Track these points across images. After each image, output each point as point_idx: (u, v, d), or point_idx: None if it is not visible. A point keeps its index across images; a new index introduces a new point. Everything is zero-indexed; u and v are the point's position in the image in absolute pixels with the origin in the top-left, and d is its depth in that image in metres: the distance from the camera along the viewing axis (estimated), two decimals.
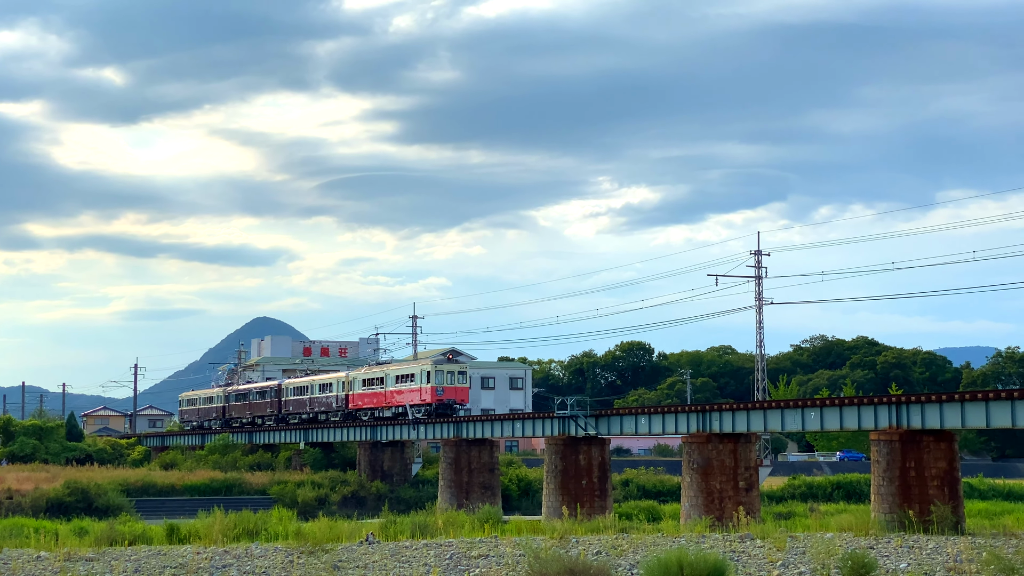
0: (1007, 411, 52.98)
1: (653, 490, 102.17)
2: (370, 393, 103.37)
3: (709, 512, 64.93)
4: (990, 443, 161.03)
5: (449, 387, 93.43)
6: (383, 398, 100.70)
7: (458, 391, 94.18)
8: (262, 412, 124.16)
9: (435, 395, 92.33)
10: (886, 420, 58.12)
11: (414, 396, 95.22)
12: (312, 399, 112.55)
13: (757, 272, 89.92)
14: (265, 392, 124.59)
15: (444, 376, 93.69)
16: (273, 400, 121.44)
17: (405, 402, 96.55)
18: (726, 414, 67.29)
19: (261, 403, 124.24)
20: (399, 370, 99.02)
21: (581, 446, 78.73)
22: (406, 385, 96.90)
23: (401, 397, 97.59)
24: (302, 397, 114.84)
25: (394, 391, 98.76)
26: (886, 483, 56.99)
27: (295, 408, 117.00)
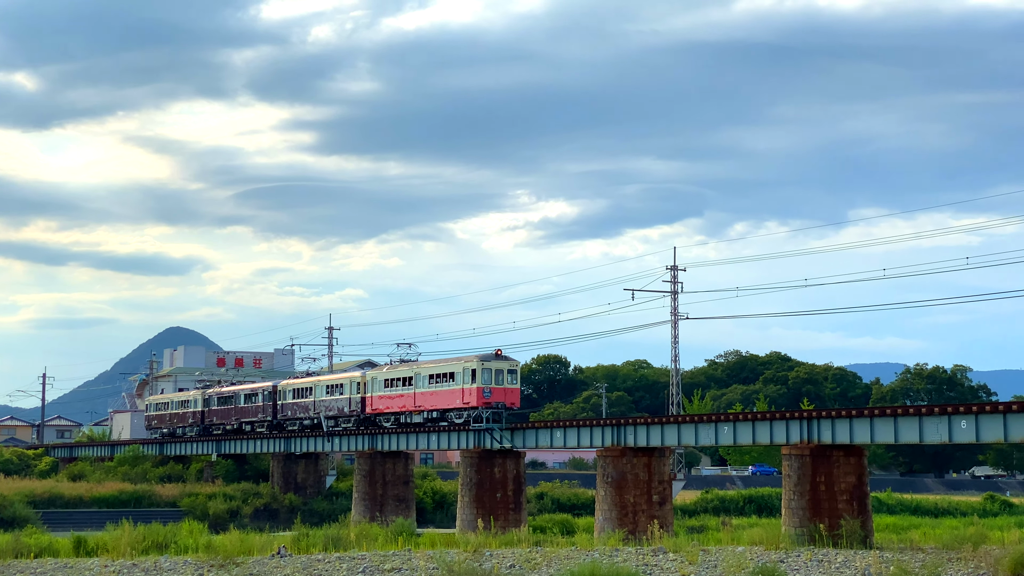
0: (915, 427, 53.83)
1: (568, 503, 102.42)
2: (395, 395, 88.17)
3: (623, 525, 65.16)
4: (898, 458, 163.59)
5: (498, 388, 78.95)
6: (411, 401, 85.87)
7: (508, 393, 79.46)
8: (252, 417, 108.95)
9: (482, 397, 78.27)
10: (797, 435, 58.76)
11: (453, 399, 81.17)
12: (317, 402, 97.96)
13: (673, 287, 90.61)
14: (257, 395, 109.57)
15: (492, 375, 79.15)
16: (266, 404, 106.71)
17: (441, 405, 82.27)
18: (641, 428, 67.65)
19: (251, 407, 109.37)
20: (434, 368, 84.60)
21: (496, 459, 78.67)
22: (443, 386, 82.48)
23: (435, 400, 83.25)
24: (305, 400, 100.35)
25: (427, 393, 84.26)
26: (797, 497, 57.59)
27: (295, 412, 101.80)
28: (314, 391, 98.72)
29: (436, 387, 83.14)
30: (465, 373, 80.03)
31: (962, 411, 51.81)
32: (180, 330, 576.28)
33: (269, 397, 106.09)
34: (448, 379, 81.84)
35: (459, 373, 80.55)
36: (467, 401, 79.00)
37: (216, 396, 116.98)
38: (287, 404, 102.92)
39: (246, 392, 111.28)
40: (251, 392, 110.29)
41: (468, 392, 79.24)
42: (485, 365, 78.85)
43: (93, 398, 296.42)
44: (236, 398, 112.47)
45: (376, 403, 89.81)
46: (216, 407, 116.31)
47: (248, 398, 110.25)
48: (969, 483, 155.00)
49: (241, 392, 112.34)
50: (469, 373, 79.58)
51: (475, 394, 78.28)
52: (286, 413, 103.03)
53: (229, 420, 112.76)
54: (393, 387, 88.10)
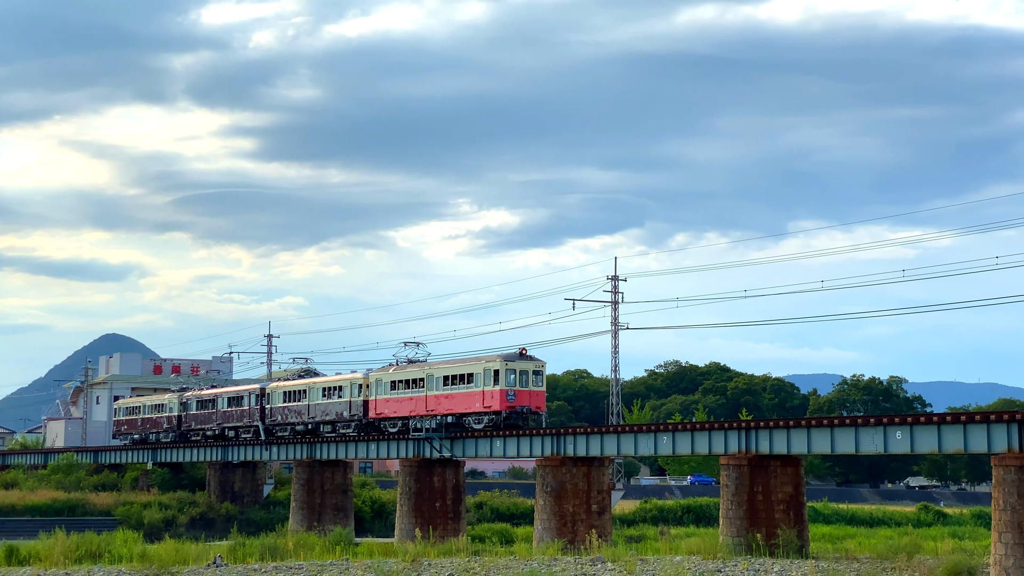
0: (851, 437, 54.32)
1: (507, 513, 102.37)
2: (403, 399, 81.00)
3: (562, 535, 65.22)
4: (834, 468, 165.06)
5: (523, 391, 73.20)
6: (423, 404, 78.83)
7: (533, 396, 73.93)
8: (236, 422, 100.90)
9: (505, 401, 72.55)
10: (736, 445, 59.10)
11: (473, 402, 74.80)
12: (313, 406, 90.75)
13: (614, 297, 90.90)
14: (241, 398, 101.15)
15: (516, 377, 73.26)
16: (253, 408, 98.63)
17: (459, 409, 75.89)
18: (580, 438, 67.76)
19: (236, 411, 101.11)
20: (449, 369, 77.81)
21: (436, 468, 78.48)
22: (461, 388, 76.02)
23: (451, 403, 76.62)
24: (298, 404, 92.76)
25: (441, 396, 77.43)
26: (734, 507, 57.91)
27: (287, 417, 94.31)
28: (308, 394, 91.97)
29: (452, 389, 76.68)
30: (486, 374, 73.93)
31: (897, 422, 52.36)
32: (116, 337, 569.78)
33: (256, 401, 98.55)
34: (466, 381, 75.76)
35: (479, 374, 74.54)
36: (488, 404, 73.38)
37: (195, 400, 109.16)
38: (277, 408, 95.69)
39: (229, 395, 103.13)
40: (235, 395, 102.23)
41: (490, 395, 73.55)
42: (509, 365, 73.13)
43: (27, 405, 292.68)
44: (217, 402, 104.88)
45: (381, 407, 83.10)
46: (195, 411, 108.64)
47: (232, 402, 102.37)
48: (904, 493, 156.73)
49: (223, 395, 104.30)
50: (491, 374, 73.55)
51: (498, 397, 72.94)
52: (275, 418, 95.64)
53: (209, 425, 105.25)
54: (401, 389, 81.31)
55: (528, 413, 73.08)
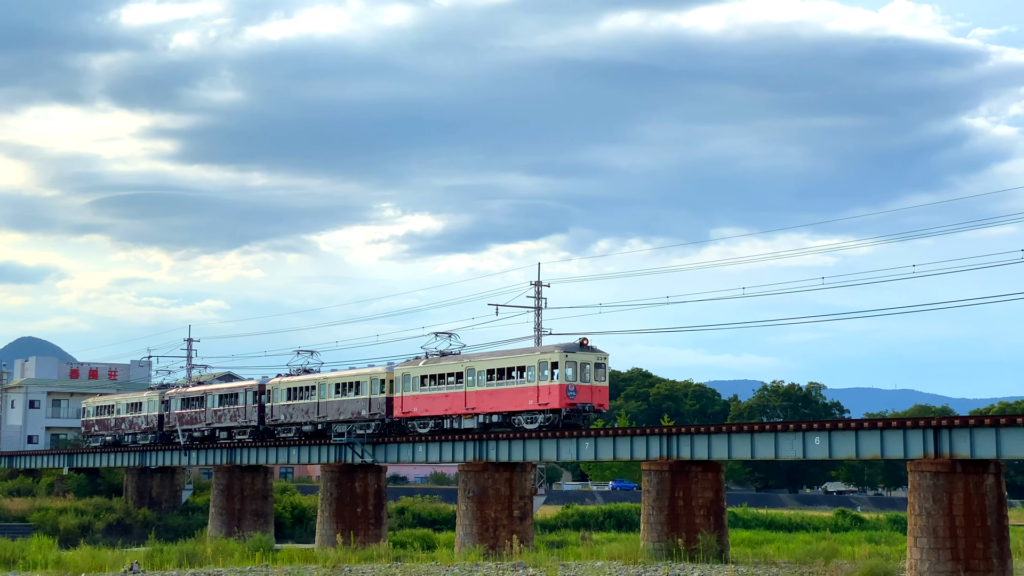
0: (771, 443, 54.85)
1: (429, 518, 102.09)
2: (436, 395, 71.94)
3: (483, 540, 65.17)
4: (754, 474, 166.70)
5: (584, 386, 64.39)
6: (461, 402, 70.07)
7: (596, 392, 65.11)
8: (230, 422, 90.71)
9: (565, 397, 64.00)
10: (657, 451, 59.43)
11: (523, 399, 66.07)
12: (324, 404, 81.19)
13: (537, 303, 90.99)
14: (236, 395, 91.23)
15: (577, 370, 64.66)
16: (250, 406, 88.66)
17: (506, 407, 67.20)
18: (502, 443, 67.73)
19: (230, 410, 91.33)
20: (495, 362, 68.69)
21: (357, 474, 78.05)
22: (509, 383, 67.09)
23: (496, 400, 67.87)
24: (305, 402, 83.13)
25: (485, 392, 68.54)
26: (655, 512, 58.23)
27: (291, 416, 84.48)
28: (319, 391, 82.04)
29: (499, 385, 67.81)
30: (541, 368, 65.38)
31: (816, 428, 52.95)
32: (32, 340, 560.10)
33: (255, 398, 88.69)
34: (516, 375, 67.01)
35: (533, 368, 65.90)
36: (544, 402, 64.73)
37: (180, 398, 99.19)
38: (279, 407, 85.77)
39: (222, 392, 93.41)
40: (229, 392, 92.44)
41: (546, 391, 64.87)
42: (569, 357, 64.49)
43: None
44: (207, 399, 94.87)
45: (408, 405, 73.98)
46: (180, 411, 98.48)
47: (225, 400, 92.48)
48: (822, 498, 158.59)
49: (214, 393, 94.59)
50: (547, 367, 65.05)
51: (556, 393, 64.16)
52: (277, 417, 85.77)
53: (197, 426, 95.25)
54: (434, 385, 72.31)
55: (591, 411, 64.92)
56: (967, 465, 47.33)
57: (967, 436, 47.14)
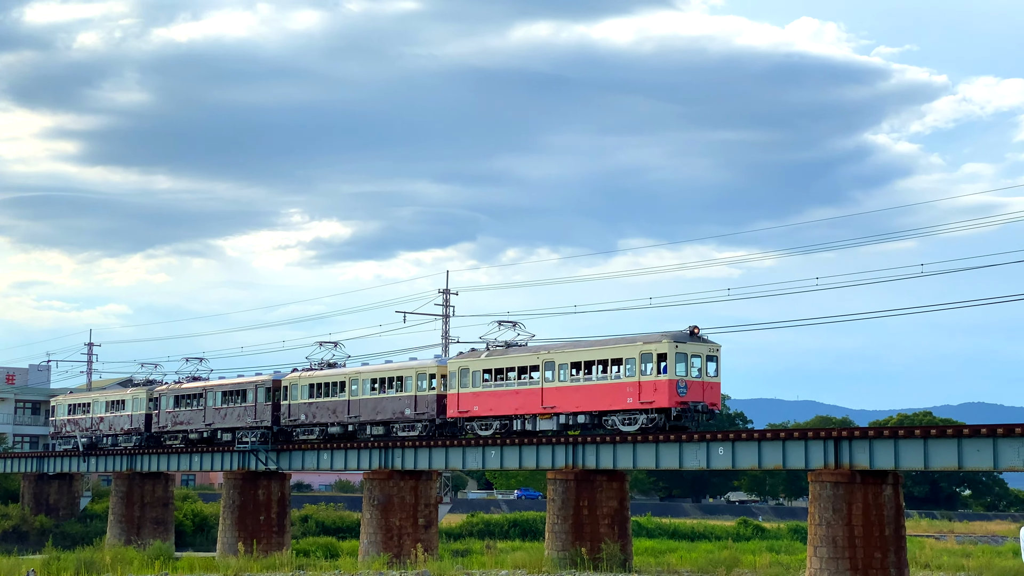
0: (675, 453, 55.20)
1: (333, 526, 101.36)
2: (504, 392, 62.50)
3: (388, 549, 64.86)
4: (658, 483, 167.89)
5: (695, 381, 55.25)
6: (536, 399, 60.76)
7: (708, 389, 55.90)
8: (236, 423, 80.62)
9: (674, 395, 54.54)
10: (563, 460, 59.57)
11: (621, 396, 56.69)
12: (358, 403, 71.58)
13: (445, 311, 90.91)
14: (243, 392, 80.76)
15: (687, 363, 55.29)
16: (262, 405, 78.77)
17: (597, 406, 57.96)
18: (408, 451, 67.47)
19: (235, 409, 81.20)
20: (583, 353, 59.11)
21: (261, 481, 77.23)
22: (603, 378, 57.84)
23: (583, 398, 58.53)
24: (333, 400, 73.54)
25: (568, 388, 59.13)
26: (560, 521, 58.37)
27: (314, 416, 74.69)
28: (348, 387, 72.51)
29: (587, 380, 58.55)
30: (644, 360, 55.94)
31: (719, 438, 53.46)
32: None
33: (267, 396, 78.56)
34: (612, 368, 57.46)
35: (632, 360, 56.32)
36: (648, 399, 55.44)
37: (172, 395, 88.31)
38: (299, 405, 76.11)
39: (225, 389, 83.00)
40: (234, 389, 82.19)
41: (650, 387, 55.40)
42: (680, 348, 55.11)
43: None
44: (207, 397, 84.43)
45: (467, 403, 64.39)
46: (172, 409, 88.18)
47: (229, 397, 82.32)
48: (724, 508, 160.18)
49: (215, 390, 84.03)
50: (652, 360, 55.67)
51: (664, 389, 54.78)
52: (297, 417, 75.98)
53: (195, 426, 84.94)
54: (501, 380, 63.00)
55: (704, 411, 55.72)
56: (866, 476, 48.12)
57: (866, 447, 47.92)
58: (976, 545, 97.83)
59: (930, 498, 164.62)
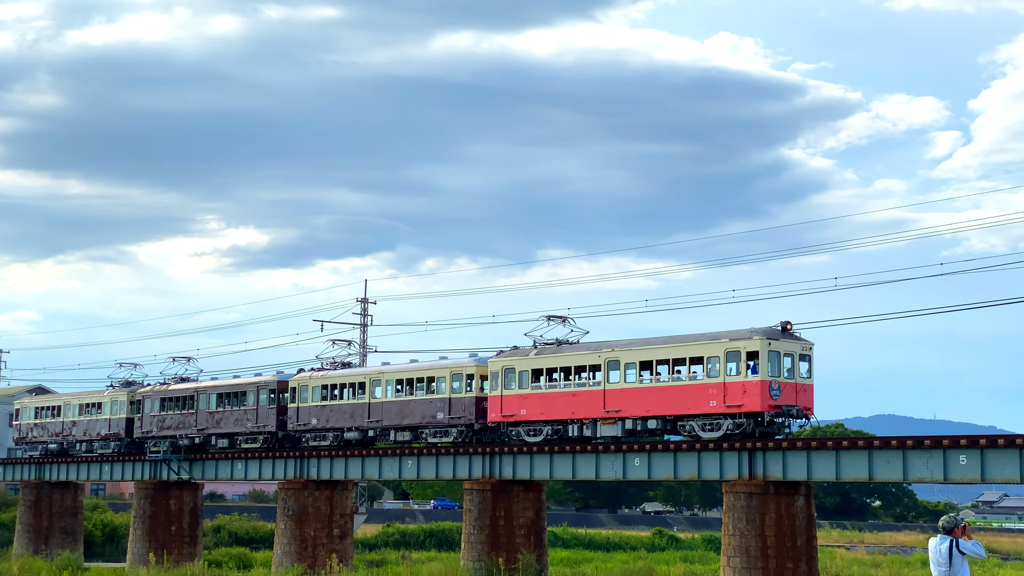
0: (591, 464, 55.32)
1: (246, 537, 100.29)
2: (556, 394, 55.93)
3: (302, 560, 64.29)
4: (575, 494, 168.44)
5: (787, 383, 49.09)
6: (597, 402, 54.04)
7: (801, 392, 49.82)
8: (236, 427, 73.92)
9: (767, 397, 48.42)
10: (480, 470, 59.49)
11: (703, 398, 50.26)
12: (380, 406, 65.13)
13: (363, 320, 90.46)
14: (243, 394, 74.02)
15: (780, 363, 49.12)
16: (266, 408, 72.23)
17: (672, 410, 51.42)
18: (324, 460, 66.96)
19: (234, 413, 74.41)
20: (654, 351, 52.62)
21: (173, 491, 76.18)
22: (676, 379, 51.34)
23: (656, 401, 52.00)
24: (351, 403, 66.91)
25: (636, 390, 52.65)
26: (476, 531, 58.24)
27: (328, 420, 68.10)
28: (369, 389, 66.09)
29: (658, 381, 52.21)
30: (729, 358, 49.59)
31: (636, 449, 53.64)
32: None
33: (271, 399, 72.02)
34: (689, 368, 51.04)
35: (716, 359, 50.09)
36: (735, 403, 48.97)
37: (157, 398, 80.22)
38: (311, 408, 69.08)
39: (223, 391, 75.62)
40: (231, 391, 75.01)
41: (738, 388, 49.01)
42: (773, 346, 48.94)
43: None
44: (199, 399, 76.95)
45: (512, 405, 57.55)
46: (158, 412, 79.85)
47: (227, 400, 75.18)
48: (640, 518, 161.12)
49: (209, 391, 76.49)
50: (740, 358, 49.21)
51: (756, 392, 48.52)
52: (307, 421, 68.93)
53: (186, 431, 77.05)
54: (551, 381, 56.39)
55: (798, 415, 49.72)
56: (779, 487, 48.55)
57: (780, 459, 48.37)
58: (885, 555, 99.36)
59: (841, 509, 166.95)
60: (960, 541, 19.11)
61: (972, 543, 19.15)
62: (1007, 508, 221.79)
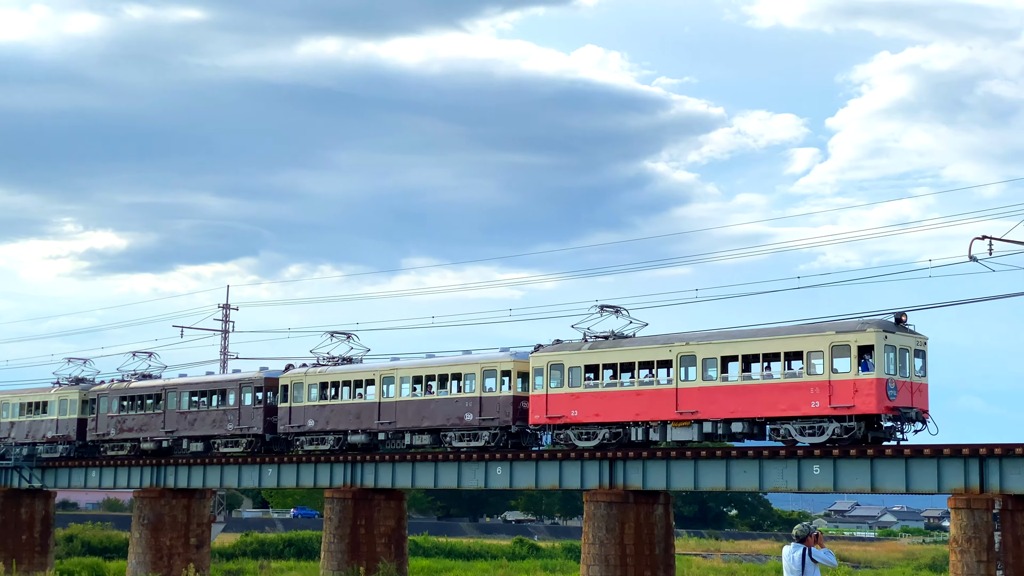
0: (454, 472, 55.37)
1: (99, 546, 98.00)
2: (615, 393, 49.38)
3: (157, 569, 63.17)
4: (436, 502, 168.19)
5: (903, 382, 43.17)
6: (668, 403, 47.55)
7: (916, 392, 44.00)
8: (212, 430, 65.96)
9: (884, 398, 42.48)
10: (341, 479, 59.08)
11: (804, 399, 44.03)
12: (390, 406, 57.96)
13: (224, 326, 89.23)
14: (223, 393, 66.29)
15: (895, 359, 43.23)
16: (249, 408, 64.31)
17: (765, 411, 45.30)
18: (182, 469, 65.80)
19: (211, 413, 66.23)
20: (739, 345, 46.33)
21: (24, 499, 74.17)
22: (766, 377, 45.50)
23: (745, 401, 45.68)
24: (356, 402, 59.50)
25: (717, 389, 46.34)
26: (336, 540, 57.83)
27: (327, 423, 60.43)
28: (379, 386, 58.82)
29: (746, 379, 45.69)
30: (836, 353, 43.37)
31: (498, 458, 53.79)
32: None
33: (255, 397, 64.42)
34: (787, 364, 45.10)
35: (821, 353, 43.82)
36: (844, 403, 42.95)
37: (115, 396, 71.72)
38: (305, 409, 61.42)
39: (197, 389, 67.93)
40: (210, 389, 67.34)
41: (847, 387, 42.86)
42: (889, 340, 42.97)
43: None
44: (167, 398, 68.70)
45: (560, 406, 50.45)
46: (116, 413, 71.37)
47: (202, 399, 67.48)
48: (501, 527, 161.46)
49: (180, 389, 68.43)
50: (851, 353, 43.10)
51: (871, 391, 42.35)
52: (302, 423, 61.46)
53: (152, 433, 69.14)
54: (611, 379, 50.00)
55: (917, 419, 43.68)
56: (639, 496, 49.16)
57: (640, 468, 48.95)
58: (741, 563, 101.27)
59: (699, 518, 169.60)
60: (813, 549, 19.56)
61: (824, 551, 19.61)
62: (858, 517, 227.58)
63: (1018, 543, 40.81)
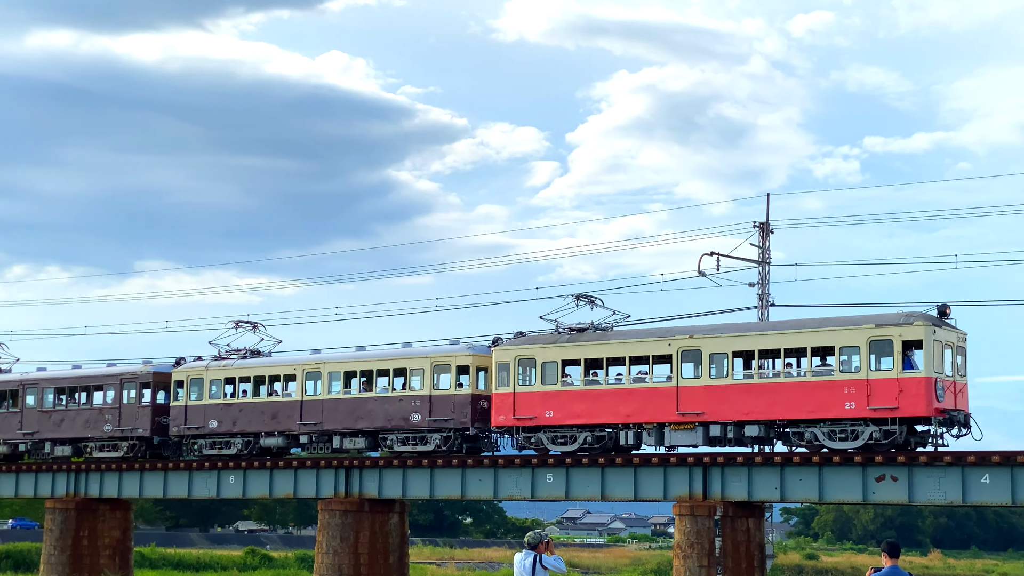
0: (184, 481, 54.04)
1: None
2: (596, 392, 43.97)
3: None
4: (165, 512, 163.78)
5: (948, 381, 38.95)
6: (668, 403, 42.32)
7: (959, 393, 39.78)
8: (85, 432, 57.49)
9: (932, 399, 37.96)
10: (63, 488, 56.96)
11: (835, 399, 39.14)
12: (315, 404, 50.93)
13: None
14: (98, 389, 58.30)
15: (940, 354, 38.93)
16: (133, 408, 56.17)
17: (786, 413, 40.17)
18: None
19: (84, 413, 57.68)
20: (753, 339, 41.50)
21: None
22: (787, 374, 40.65)
23: (759, 401, 40.64)
24: (270, 400, 52.36)
25: (721, 388, 41.29)
26: (58, 552, 55.76)
27: (235, 423, 53.03)
28: (301, 383, 51.64)
29: (764, 377, 40.94)
30: (875, 348, 38.88)
31: (231, 467, 52.68)
32: None
33: (139, 395, 56.20)
34: (811, 360, 40.27)
35: (856, 348, 39.17)
36: (885, 404, 38.27)
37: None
38: (207, 407, 53.64)
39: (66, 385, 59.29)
40: (81, 385, 58.78)
41: (889, 387, 38.23)
42: (936, 335, 38.54)
43: None
44: (27, 395, 60.40)
45: (529, 406, 44.72)
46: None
47: (71, 395, 59.07)
48: (233, 537, 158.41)
49: (44, 385, 59.88)
50: (893, 349, 38.51)
51: (918, 391, 37.88)
52: (200, 423, 53.86)
53: (5, 436, 60.42)
54: (592, 376, 44.45)
55: (963, 422, 39.15)
56: (375, 504, 49.07)
57: (376, 476, 48.85)
58: (475, 571, 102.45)
59: (434, 526, 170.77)
60: (543, 556, 19.81)
61: (554, 558, 19.89)
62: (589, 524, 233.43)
63: (737, 548, 42.60)
